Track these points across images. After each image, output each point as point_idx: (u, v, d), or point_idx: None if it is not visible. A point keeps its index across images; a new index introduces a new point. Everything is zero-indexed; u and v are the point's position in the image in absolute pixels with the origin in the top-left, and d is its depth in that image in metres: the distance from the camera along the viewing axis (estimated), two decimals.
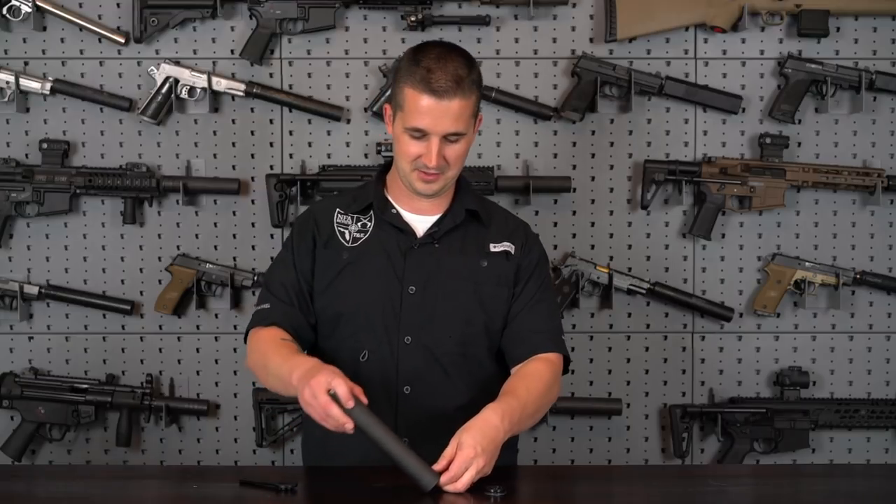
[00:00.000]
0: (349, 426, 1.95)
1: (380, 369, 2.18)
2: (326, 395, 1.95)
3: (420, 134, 2.13)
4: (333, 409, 1.95)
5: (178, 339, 3.19)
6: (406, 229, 2.24)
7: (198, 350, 3.19)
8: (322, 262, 2.24)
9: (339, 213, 2.27)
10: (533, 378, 2.18)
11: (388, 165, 2.33)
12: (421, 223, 2.25)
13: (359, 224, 2.26)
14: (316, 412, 1.97)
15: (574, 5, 3.14)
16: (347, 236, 2.25)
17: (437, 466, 1.95)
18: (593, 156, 3.19)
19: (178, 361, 3.19)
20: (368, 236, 2.24)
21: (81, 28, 3.11)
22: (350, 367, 2.18)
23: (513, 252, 2.28)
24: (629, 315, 3.21)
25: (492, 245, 2.27)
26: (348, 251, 2.23)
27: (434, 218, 2.25)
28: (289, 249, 2.30)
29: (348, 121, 3.17)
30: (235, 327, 3.19)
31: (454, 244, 2.25)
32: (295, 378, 2.03)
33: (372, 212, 2.26)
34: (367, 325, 2.20)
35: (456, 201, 2.27)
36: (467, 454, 1.94)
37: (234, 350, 3.19)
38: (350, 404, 1.95)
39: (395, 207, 2.26)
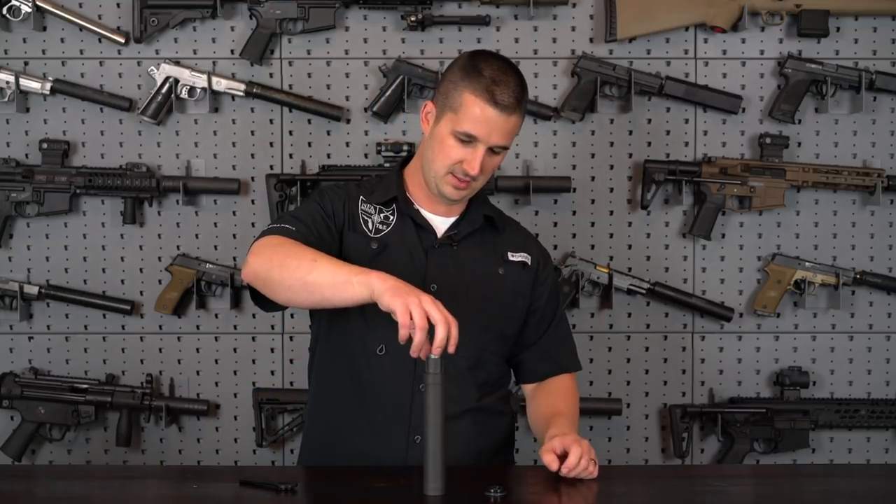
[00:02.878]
0: (423, 355, 1.88)
1: (397, 365, 2.17)
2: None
3: (469, 139, 2.13)
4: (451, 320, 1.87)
5: (178, 339, 3.19)
6: (427, 227, 2.24)
7: (198, 350, 3.19)
8: (350, 246, 2.21)
9: (362, 200, 2.26)
10: (568, 395, 2.31)
11: (405, 161, 2.33)
12: (439, 223, 2.26)
13: (381, 215, 2.24)
14: (419, 316, 1.86)
15: (574, 5, 3.14)
16: (370, 225, 2.23)
17: (553, 463, 2.02)
18: (593, 156, 3.19)
19: (178, 361, 3.20)
20: (391, 229, 2.23)
21: (81, 28, 3.11)
22: (365, 357, 2.19)
23: (529, 263, 2.31)
24: (629, 315, 3.21)
25: (510, 254, 2.29)
26: (375, 241, 2.22)
27: (450, 220, 2.26)
28: (315, 201, 2.24)
29: (348, 121, 3.17)
30: (235, 327, 3.19)
31: (472, 249, 2.26)
32: (378, 274, 1.93)
33: (395, 205, 2.25)
34: (388, 319, 2.18)
35: (472, 206, 2.29)
36: (583, 445, 2.04)
37: (234, 350, 3.19)
38: (451, 349, 1.88)
39: (415, 204, 2.26)
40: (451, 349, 1.89)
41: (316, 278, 1.99)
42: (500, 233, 2.30)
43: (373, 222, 2.24)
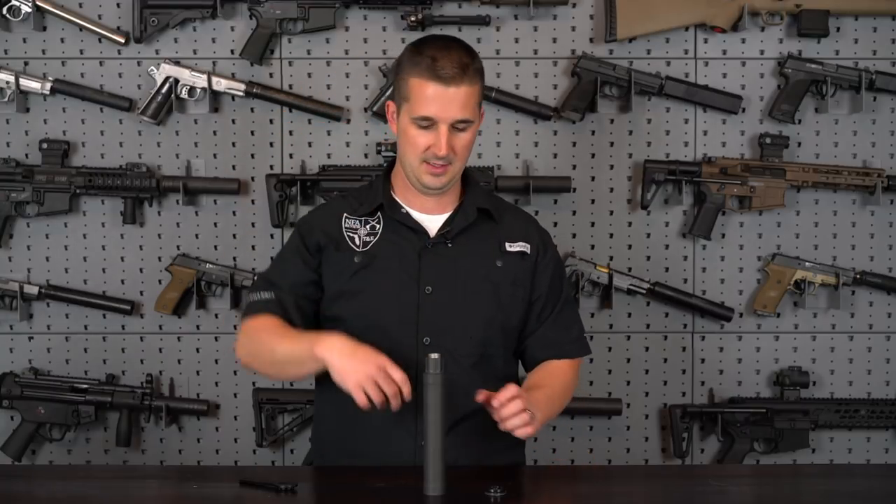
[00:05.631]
0: (407, 391, 2.00)
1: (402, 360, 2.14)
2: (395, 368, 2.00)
3: (428, 123, 2.14)
4: (398, 374, 2.00)
5: (178, 339, 3.19)
6: (418, 229, 2.23)
7: (198, 350, 3.20)
8: (333, 267, 2.22)
9: (346, 217, 2.26)
10: (557, 374, 2.26)
11: (391, 166, 2.32)
12: (431, 222, 2.25)
13: (367, 227, 2.24)
14: (375, 394, 1.99)
15: (574, 5, 3.14)
16: (357, 241, 2.23)
17: (480, 397, 2.02)
18: (593, 156, 3.19)
19: (178, 361, 3.20)
20: (378, 238, 2.23)
21: (81, 28, 3.11)
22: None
23: (528, 252, 2.28)
24: (629, 315, 3.21)
25: (507, 244, 2.27)
26: (360, 255, 2.22)
27: (444, 217, 2.25)
28: (291, 249, 2.28)
29: (348, 121, 3.17)
30: (235, 327, 3.18)
31: (468, 244, 2.24)
32: (323, 347, 2.05)
33: (380, 213, 2.25)
34: (382, 328, 2.18)
35: (466, 199, 2.27)
36: (523, 398, 2.01)
37: (235, 350, 3.19)
38: (406, 392, 2.01)
39: (404, 207, 2.25)
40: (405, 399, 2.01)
41: (278, 366, 2.21)
42: (497, 223, 2.28)
43: (359, 237, 2.24)
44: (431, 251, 2.22)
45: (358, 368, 1.99)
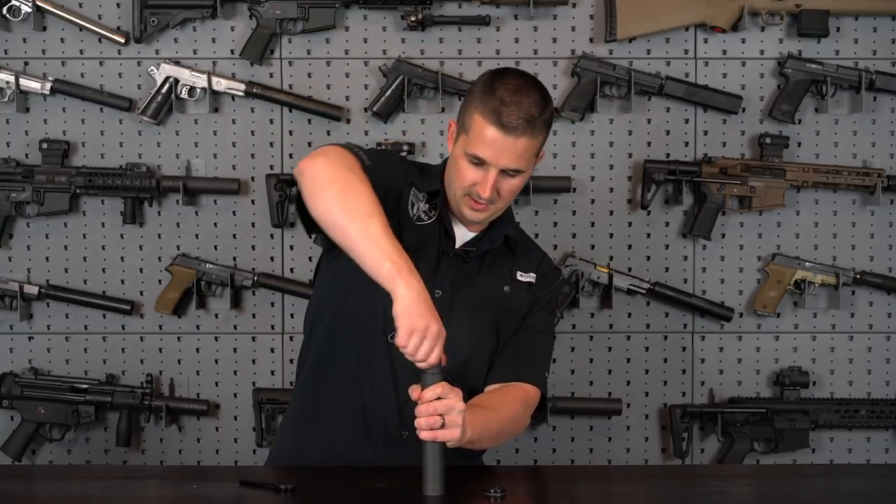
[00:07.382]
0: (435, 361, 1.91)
1: (399, 356, 2.06)
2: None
3: (479, 161, 2.10)
4: (438, 353, 1.90)
5: (178, 339, 3.19)
6: (451, 233, 2.21)
7: (198, 350, 3.19)
8: (393, 226, 2.13)
9: (413, 186, 2.21)
10: (508, 402, 2.17)
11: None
12: (460, 232, 2.23)
13: (426, 205, 2.21)
14: (413, 346, 1.90)
15: (574, 5, 3.14)
16: (414, 211, 2.20)
17: (413, 395, 1.93)
18: (593, 156, 3.19)
19: (178, 361, 3.20)
20: (432, 222, 2.20)
21: (81, 28, 3.11)
22: (376, 340, 2.15)
23: (533, 282, 2.27)
24: (629, 315, 3.21)
25: (519, 273, 2.26)
26: (414, 231, 2.17)
27: (471, 234, 2.23)
28: (388, 163, 2.18)
29: (348, 121, 3.17)
30: (235, 327, 3.19)
31: (483, 265, 2.23)
32: (405, 278, 1.90)
33: (438, 199, 2.21)
34: (383, 309, 2.08)
35: (496, 224, 2.25)
36: (448, 403, 1.92)
37: (234, 350, 3.19)
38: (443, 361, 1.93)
39: (447, 206, 2.23)
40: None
41: (358, 233, 1.95)
42: (514, 255, 2.27)
43: (418, 208, 2.21)
44: (451, 259, 2.20)
45: (424, 314, 1.90)
